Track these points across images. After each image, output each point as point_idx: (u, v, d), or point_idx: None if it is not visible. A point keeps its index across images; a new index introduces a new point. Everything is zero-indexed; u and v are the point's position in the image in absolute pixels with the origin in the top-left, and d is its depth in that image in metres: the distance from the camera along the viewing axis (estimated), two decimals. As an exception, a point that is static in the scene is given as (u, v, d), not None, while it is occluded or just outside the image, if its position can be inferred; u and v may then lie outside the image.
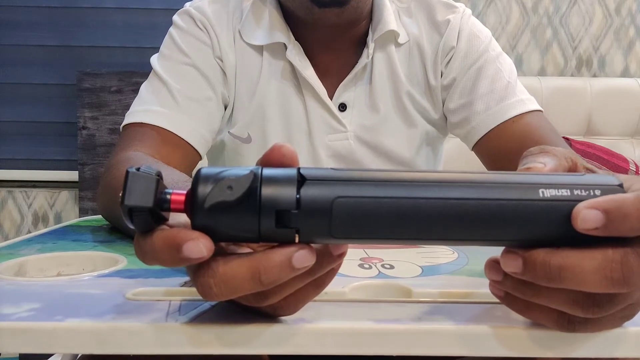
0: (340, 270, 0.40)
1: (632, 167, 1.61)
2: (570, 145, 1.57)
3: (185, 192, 0.27)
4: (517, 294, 0.28)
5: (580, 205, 0.26)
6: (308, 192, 0.26)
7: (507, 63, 0.76)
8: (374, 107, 0.76)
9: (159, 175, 0.27)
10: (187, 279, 0.38)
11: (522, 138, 0.70)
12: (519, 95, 0.73)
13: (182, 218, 0.28)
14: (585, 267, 0.25)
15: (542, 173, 0.29)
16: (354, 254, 0.46)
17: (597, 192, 0.27)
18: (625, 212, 0.25)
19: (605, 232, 0.25)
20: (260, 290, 0.26)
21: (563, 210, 0.26)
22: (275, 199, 0.26)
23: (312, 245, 0.27)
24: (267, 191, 0.26)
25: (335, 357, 0.30)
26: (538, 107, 0.73)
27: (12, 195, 1.91)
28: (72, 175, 1.83)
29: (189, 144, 0.70)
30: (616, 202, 0.25)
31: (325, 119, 0.75)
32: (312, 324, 0.30)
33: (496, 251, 0.28)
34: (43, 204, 1.91)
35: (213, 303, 0.33)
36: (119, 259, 0.44)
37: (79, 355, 0.50)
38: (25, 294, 0.34)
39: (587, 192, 0.27)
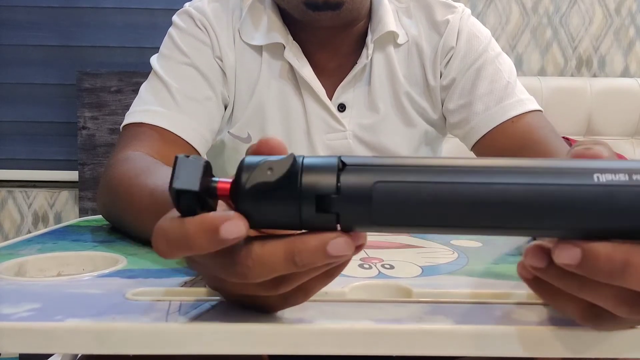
0: (340, 270, 0.40)
1: (632, 167, 1.61)
2: (570, 145, 1.57)
3: (231, 180, 0.28)
4: (559, 284, 0.26)
5: None
6: (348, 177, 0.26)
7: (507, 63, 0.76)
8: (373, 107, 0.76)
9: (208, 164, 0.28)
10: (187, 279, 0.38)
11: (522, 138, 0.70)
12: (518, 96, 0.73)
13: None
14: None
15: (595, 160, 0.26)
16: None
17: None
18: None
19: None
20: (291, 272, 0.26)
21: (620, 197, 0.24)
22: (315, 184, 0.26)
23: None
24: (307, 176, 0.26)
25: (335, 357, 0.31)
26: (538, 107, 0.73)
27: (12, 195, 1.91)
28: (72, 175, 1.84)
29: (188, 143, 0.70)
30: None
31: (323, 119, 0.75)
32: (312, 324, 0.30)
33: (496, 252, 0.28)
34: (43, 204, 1.91)
35: (213, 303, 0.33)
36: (119, 259, 0.44)
37: (79, 355, 0.50)
38: (25, 294, 0.34)
39: None
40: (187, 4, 0.77)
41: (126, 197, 0.54)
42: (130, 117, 0.71)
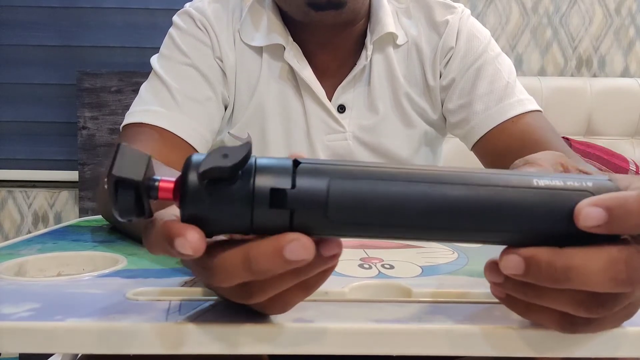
0: (340, 270, 0.40)
1: (632, 167, 1.61)
2: (570, 145, 1.57)
3: (174, 179, 0.26)
4: (518, 295, 0.28)
5: (583, 202, 0.26)
6: (304, 172, 0.26)
7: (507, 63, 0.76)
8: (372, 108, 0.76)
9: (151, 159, 0.26)
10: (187, 278, 0.38)
11: (522, 138, 0.70)
12: (518, 96, 0.73)
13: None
14: (591, 267, 0.25)
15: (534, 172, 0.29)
16: (354, 254, 0.46)
17: (589, 183, 0.27)
18: (628, 209, 0.25)
19: (606, 230, 0.25)
20: (251, 281, 0.26)
21: (557, 199, 0.26)
22: (271, 177, 0.25)
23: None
24: (262, 171, 0.25)
25: (335, 357, 0.31)
26: (537, 107, 0.73)
27: (12, 195, 1.91)
28: (72, 175, 1.84)
29: (188, 144, 0.70)
30: (619, 200, 0.25)
31: (323, 120, 0.75)
32: (312, 324, 0.30)
33: (496, 251, 0.28)
34: (43, 204, 1.91)
35: (213, 303, 0.33)
36: (119, 259, 0.44)
37: (79, 355, 0.50)
38: (25, 294, 0.34)
39: (580, 182, 0.27)
40: (187, 5, 0.77)
41: None
42: (130, 117, 0.71)
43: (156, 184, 0.26)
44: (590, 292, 0.26)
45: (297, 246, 0.24)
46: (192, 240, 0.25)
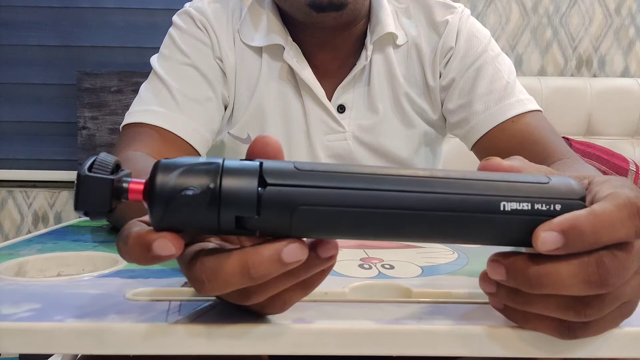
0: (340, 271, 0.40)
1: (632, 167, 1.61)
2: (570, 145, 1.57)
3: (144, 181, 0.27)
4: (510, 303, 0.28)
5: (539, 229, 0.26)
6: (269, 199, 0.26)
7: (506, 63, 0.76)
8: (372, 108, 0.76)
9: (115, 167, 0.27)
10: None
11: (522, 138, 0.70)
12: (518, 96, 0.73)
13: None
14: (562, 272, 0.26)
15: (507, 179, 0.28)
16: (354, 254, 0.46)
17: (558, 206, 0.27)
18: (581, 229, 0.25)
19: (567, 250, 0.26)
20: (249, 286, 0.26)
21: (523, 223, 0.27)
22: (235, 205, 0.26)
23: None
24: (227, 191, 0.26)
25: (335, 357, 0.31)
26: (537, 107, 0.73)
27: (12, 195, 1.91)
28: (72, 175, 1.83)
29: (188, 144, 0.70)
30: (570, 222, 0.26)
31: (323, 120, 0.75)
32: (312, 324, 0.30)
33: (495, 251, 0.28)
34: (43, 204, 1.91)
35: (213, 303, 0.33)
36: (119, 259, 0.44)
37: (79, 355, 0.50)
38: (25, 294, 0.34)
39: (548, 206, 0.27)
40: (187, 5, 0.77)
41: None
42: (130, 117, 0.71)
43: (126, 185, 0.27)
44: (573, 296, 0.26)
45: (295, 248, 0.26)
46: (172, 240, 0.26)
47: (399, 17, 0.77)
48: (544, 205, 0.27)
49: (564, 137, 1.44)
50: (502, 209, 0.27)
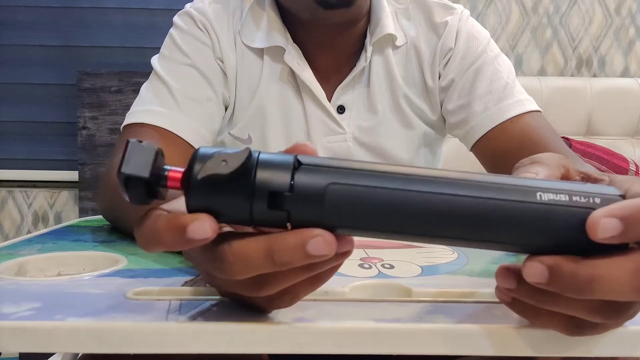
0: (340, 270, 0.40)
1: (632, 167, 1.61)
2: (570, 145, 1.57)
3: (183, 169, 0.27)
4: (532, 302, 0.27)
5: (597, 213, 0.25)
6: (302, 176, 0.26)
7: (506, 64, 0.76)
8: (372, 109, 0.76)
9: (160, 151, 0.28)
10: (187, 278, 0.39)
11: (521, 138, 0.70)
12: (517, 96, 0.73)
13: (184, 206, 0.28)
14: (616, 277, 0.25)
15: (540, 179, 0.28)
16: (354, 254, 0.46)
17: (597, 200, 0.26)
18: None
19: (619, 240, 0.25)
20: (268, 272, 0.26)
21: (561, 215, 0.26)
22: (269, 180, 0.26)
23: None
24: (262, 172, 0.26)
25: (335, 357, 0.31)
26: (537, 108, 0.73)
27: (12, 195, 1.91)
28: (72, 175, 1.84)
29: (189, 144, 0.70)
30: (632, 209, 0.25)
31: (323, 121, 0.75)
32: (312, 324, 0.30)
33: (496, 252, 0.28)
34: (43, 204, 1.91)
35: (213, 303, 0.33)
36: (119, 258, 0.45)
37: (79, 355, 0.50)
38: (25, 294, 0.34)
39: (587, 199, 0.26)
40: (187, 5, 0.77)
41: None
42: (130, 117, 0.71)
43: (165, 173, 0.27)
44: (609, 300, 0.26)
45: (321, 242, 0.25)
46: (208, 222, 0.25)
47: (398, 17, 0.77)
48: (582, 197, 0.26)
49: (563, 137, 1.44)
50: (538, 198, 0.26)
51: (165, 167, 0.28)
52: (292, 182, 0.26)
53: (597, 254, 0.25)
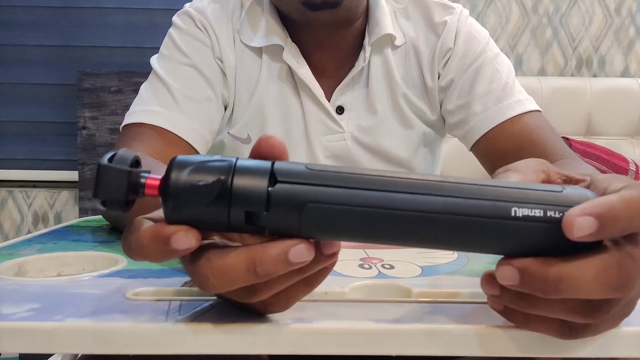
0: (340, 270, 0.40)
1: (632, 167, 1.61)
2: (570, 145, 1.57)
3: (160, 177, 0.27)
4: (515, 306, 0.28)
5: (572, 212, 0.25)
6: (278, 195, 0.26)
7: (505, 64, 0.75)
8: (371, 109, 0.76)
9: (134, 162, 0.28)
10: (187, 278, 0.38)
11: (521, 138, 0.70)
12: (517, 96, 0.73)
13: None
14: (583, 276, 0.25)
15: (519, 187, 0.27)
16: (354, 254, 0.46)
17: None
18: (616, 214, 0.25)
19: (596, 237, 0.25)
20: (254, 283, 0.26)
21: (535, 231, 0.26)
22: (245, 199, 0.26)
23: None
24: (238, 189, 0.26)
25: (335, 357, 0.31)
26: (536, 108, 0.73)
27: (12, 195, 1.91)
28: (72, 175, 1.83)
29: (188, 144, 0.70)
30: (605, 206, 0.25)
31: (322, 120, 0.75)
32: (312, 324, 0.30)
33: (493, 256, 0.28)
34: (43, 204, 1.91)
35: (213, 303, 0.33)
36: (119, 259, 0.44)
37: (79, 355, 0.50)
38: (25, 294, 0.34)
39: (561, 214, 0.26)
40: (187, 5, 0.77)
41: None
42: (130, 117, 0.71)
43: (143, 181, 0.28)
44: (584, 299, 0.26)
45: (303, 249, 0.26)
46: (192, 232, 0.26)
47: (397, 17, 0.77)
48: (557, 212, 0.26)
49: (563, 137, 1.44)
50: (513, 214, 0.26)
51: (143, 174, 0.28)
52: (268, 202, 0.26)
53: (573, 254, 0.26)
